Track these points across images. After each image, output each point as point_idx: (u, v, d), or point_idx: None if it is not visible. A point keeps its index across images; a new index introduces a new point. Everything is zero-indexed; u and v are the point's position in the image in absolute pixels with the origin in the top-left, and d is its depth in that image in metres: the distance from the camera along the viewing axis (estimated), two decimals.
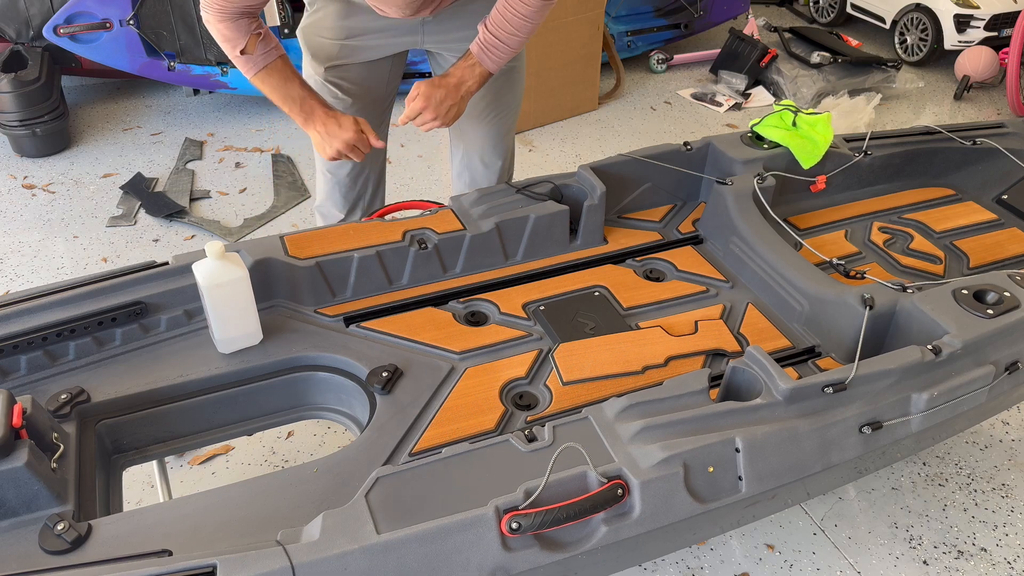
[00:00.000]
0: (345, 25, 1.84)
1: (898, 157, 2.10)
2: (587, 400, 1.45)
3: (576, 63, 3.93)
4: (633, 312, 1.68)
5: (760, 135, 1.99)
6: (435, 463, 1.22)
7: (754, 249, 1.73)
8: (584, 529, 1.17)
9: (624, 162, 1.91)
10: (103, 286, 1.52)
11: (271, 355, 1.53)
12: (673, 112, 4.18)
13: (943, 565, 1.87)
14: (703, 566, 1.85)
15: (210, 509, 1.24)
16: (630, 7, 4.56)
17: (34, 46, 3.68)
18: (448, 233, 1.73)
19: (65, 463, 1.27)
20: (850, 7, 5.12)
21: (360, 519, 1.11)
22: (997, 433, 2.21)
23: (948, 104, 4.33)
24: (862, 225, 1.99)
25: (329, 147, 1.75)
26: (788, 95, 4.20)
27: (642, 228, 1.93)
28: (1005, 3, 4.42)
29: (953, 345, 1.40)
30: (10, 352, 1.43)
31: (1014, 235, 1.98)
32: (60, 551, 1.15)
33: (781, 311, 1.68)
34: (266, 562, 1.03)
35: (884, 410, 1.35)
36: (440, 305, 1.68)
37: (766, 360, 1.32)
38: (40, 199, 3.31)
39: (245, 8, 1.63)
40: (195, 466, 2.07)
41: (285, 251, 1.63)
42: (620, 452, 1.22)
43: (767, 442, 1.26)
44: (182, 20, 3.58)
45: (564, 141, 3.87)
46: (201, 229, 3.12)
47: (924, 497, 2.03)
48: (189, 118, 3.97)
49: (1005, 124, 2.22)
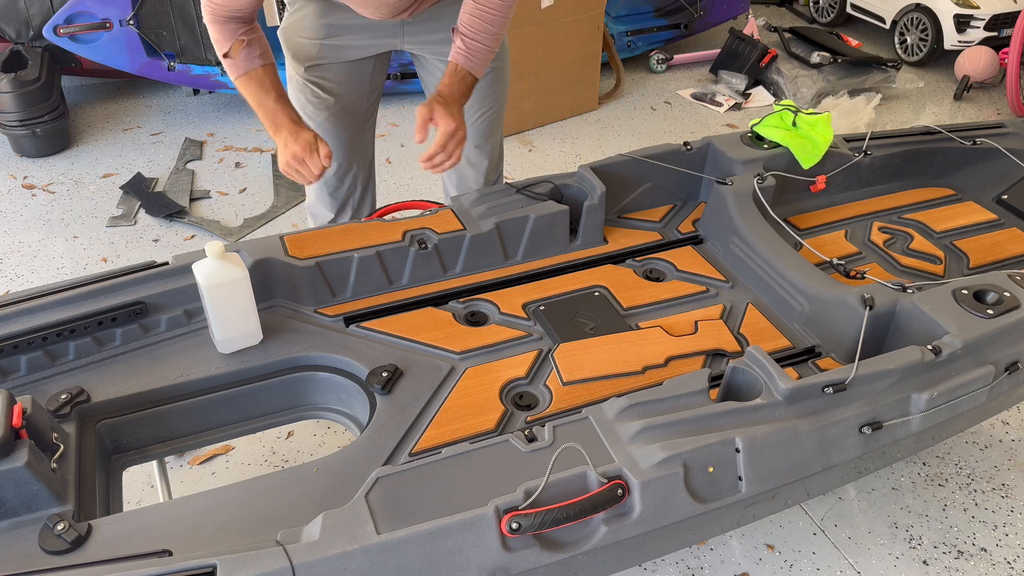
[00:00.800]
0: (324, 24, 1.84)
1: (898, 157, 2.10)
2: (587, 400, 1.45)
3: (576, 63, 3.93)
4: (633, 312, 1.68)
5: (760, 135, 1.99)
6: (435, 463, 1.22)
7: (754, 249, 1.73)
8: (584, 529, 1.17)
9: (624, 162, 1.91)
10: (103, 286, 1.52)
11: (271, 355, 1.53)
12: (673, 112, 4.18)
13: (943, 565, 1.87)
14: (703, 566, 1.85)
15: (210, 509, 1.24)
16: (630, 7, 4.56)
17: (34, 46, 3.68)
18: (448, 233, 1.73)
19: (65, 463, 1.27)
20: (850, 7, 5.12)
21: (360, 519, 1.10)
22: (997, 433, 2.21)
23: (948, 104, 4.33)
24: (862, 225, 1.99)
25: (281, 158, 1.74)
26: (788, 95, 4.20)
27: (642, 228, 1.93)
28: (1005, 3, 4.42)
29: (953, 345, 1.40)
30: (10, 352, 1.43)
31: (1014, 235, 1.98)
32: (60, 551, 1.15)
33: (781, 311, 1.68)
34: (266, 562, 1.03)
35: (884, 410, 1.35)
36: (440, 305, 1.68)
37: (766, 360, 1.32)
38: (40, 199, 3.31)
39: (231, 13, 1.64)
40: (195, 466, 2.07)
41: (285, 251, 1.64)
42: (620, 452, 1.22)
43: (767, 442, 1.26)
44: (182, 20, 3.58)
45: (564, 141, 3.87)
46: (201, 229, 3.12)
47: (924, 497, 2.03)
48: (189, 118, 3.97)
49: (1005, 124, 2.22)
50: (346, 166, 2.04)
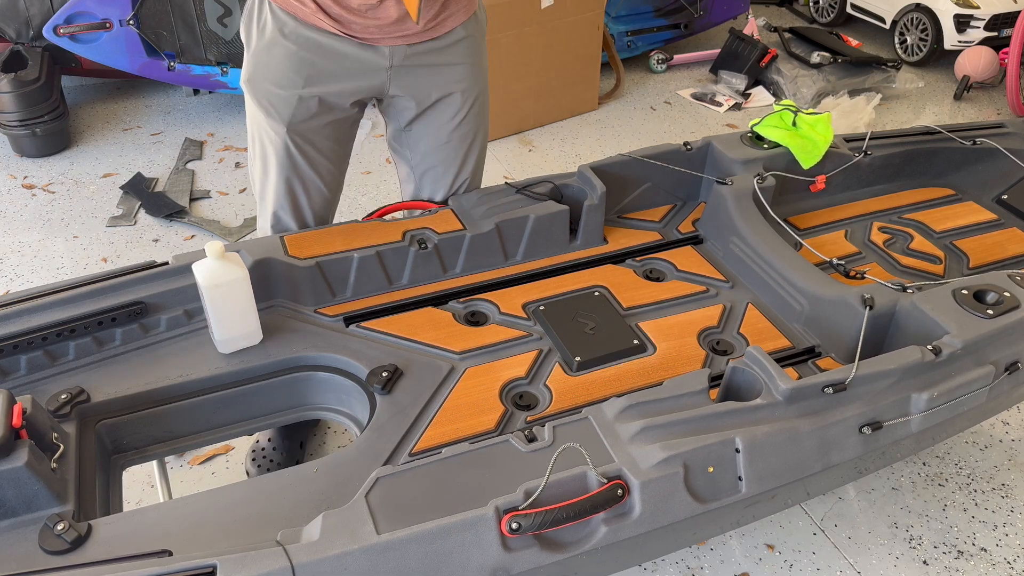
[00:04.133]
0: (299, 71, 1.64)
1: (898, 157, 2.10)
2: (587, 400, 1.45)
3: (576, 63, 3.93)
4: (633, 312, 1.68)
5: (760, 135, 1.99)
6: (435, 463, 1.22)
7: (754, 249, 1.73)
8: (584, 529, 1.17)
9: (624, 162, 1.91)
10: (103, 286, 1.52)
11: (271, 355, 1.53)
12: (673, 112, 4.18)
13: (943, 565, 1.87)
14: (703, 566, 1.85)
15: (210, 509, 1.24)
16: (630, 7, 4.56)
17: (34, 46, 3.68)
18: (448, 233, 1.73)
19: (65, 463, 1.27)
20: (850, 7, 5.12)
21: (360, 519, 1.11)
22: (997, 433, 2.21)
23: (948, 104, 4.33)
24: (862, 225, 1.99)
25: None
26: (788, 95, 4.20)
27: (642, 228, 1.93)
28: (1005, 3, 4.42)
29: (953, 345, 1.40)
30: (10, 352, 1.43)
31: (1014, 235, 1.98)
32: (60, 551, 1.15)
33: (781, 311, 1.68)
34: (266, 562, 1.03)
35: (884, 410, 1.35)
36: (440, 305, 1.68)
37: (766, 360, 1.32)
38: (40, 199, 3.31)
39: None
40: (195, 466, 2.07)
41: (285, 251, 1.64)
42: (620, 452, 1.22)
43: (767, 442, 1.26)
44: (182, 20, 3.58)
45: (564, 141, 3.87)
46: (201, 229, 3.12)
47: (924, 497, 2.03)
48: (189, 118, 3.97)
49: (1005, 124, 2.22)
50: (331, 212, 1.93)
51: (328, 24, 1.61)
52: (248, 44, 1.68)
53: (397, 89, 1.73)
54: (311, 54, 1.64)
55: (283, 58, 1.64)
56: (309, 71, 1.65)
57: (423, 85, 1.74)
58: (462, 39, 1.74)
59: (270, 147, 1.76)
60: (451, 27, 1.71)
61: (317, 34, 1.62)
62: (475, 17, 1.77)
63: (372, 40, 1.64)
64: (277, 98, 1.68)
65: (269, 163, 1.78)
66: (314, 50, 1.64)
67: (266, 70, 1.66)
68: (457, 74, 1.76)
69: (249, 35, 1.68)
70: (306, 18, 1.61)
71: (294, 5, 1.60)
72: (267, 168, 1.79)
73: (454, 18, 1.71)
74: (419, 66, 1.71)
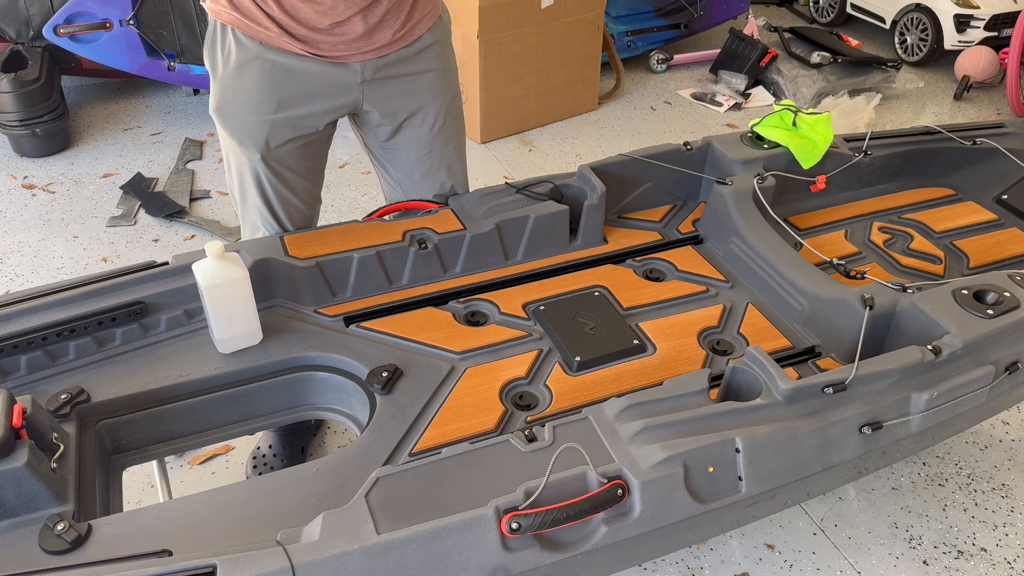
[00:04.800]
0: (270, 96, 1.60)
1: (898, 157, 2.10)
2: (587, 400, 1.45)
3: (576, 63, 3.93)
4: (633, 312, 1.68)
5: (760, 135, 1.99)
6: (435, 463, 1.22)
7: (754, 249, 1.73)
8: (584, 529, 1.17)
9: (624, 162, 1.91)
10: (103, 286, 1.52)
11: (271, 355, 1.53)
12: (673, 112, 4.18)
13: (943, 565, 1.87)
14: (703, 566, 1.85)
15: (210, 509, 1.24)
16: (630, 7, 4.56)
17: (34, 46, 3.68)
18: (448, 233, 1.73)
19: (65, 463, 1.27)
20: (850, 7, 5.12)
21: (360, 519, 1.11)
22: (997, 433, 2.21)
23: (948, 104, 4.33)
24: (862, 225, 1.99)
25: None
26: (788, 95, 4.20)
27: (642, 228, 1.93)
28: (1005, 3, 4.42)
29: (953, 345, 1.40)
30: (10, 352, 1.43)
31: (1014, 235, 1.98)
32: (60, 551, 1.15)
33: (781, 311, 1.68)
34: (266, 562, 1.03)
35: (884, 410, 1.35)
36: (440, 305, 1.68)
37: (766, 360, 1.32)
38: (40, 199, 3.31)
39: None
40: (195, 466, 2.07)
41: (285, 251, 1.63)
42: (620, 452, 1.22)
43: (767, 442, 1.26)
44: (182, 20, 3.58)
45: (564, 141, 3.87)
46: (201, 229, 3.12)
47: (924, 497, 2.03)
48: (189, 118, 3.97)
49: (1005, 124, 2.22)
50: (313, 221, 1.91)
51: (295, 46, 1.57)
52: (213, 72, 1.64)
53: (371, 104, 1.72)
54: (280, 78, 1.60)
55: (252, 85, 1.60)
56: (280, 95, 1.61)
57: (397, 96, 1.73)
58: (430, 45, 1.73)
59: (246, 172, 1.74)
60: (419, 34, 1.70)
61: (285, 57, 1.59)
62: (440, 20, 1.77)
63: (341, 57, 1.62)
64: (250, 125, 1.64)
65: (246, 186, 1.77)
66: (283, 74, 1.59)
67: (235, 98, 1.63)
68: (428, 81, 1.76)
69: (214, 63, 1.63)
70: (272, 42, 1.57)
71: (257, 30, 1.56)
72: (244, 191, 1.79)
73: (420, 24, 1.69)
74: (391, 77, 1.70)
